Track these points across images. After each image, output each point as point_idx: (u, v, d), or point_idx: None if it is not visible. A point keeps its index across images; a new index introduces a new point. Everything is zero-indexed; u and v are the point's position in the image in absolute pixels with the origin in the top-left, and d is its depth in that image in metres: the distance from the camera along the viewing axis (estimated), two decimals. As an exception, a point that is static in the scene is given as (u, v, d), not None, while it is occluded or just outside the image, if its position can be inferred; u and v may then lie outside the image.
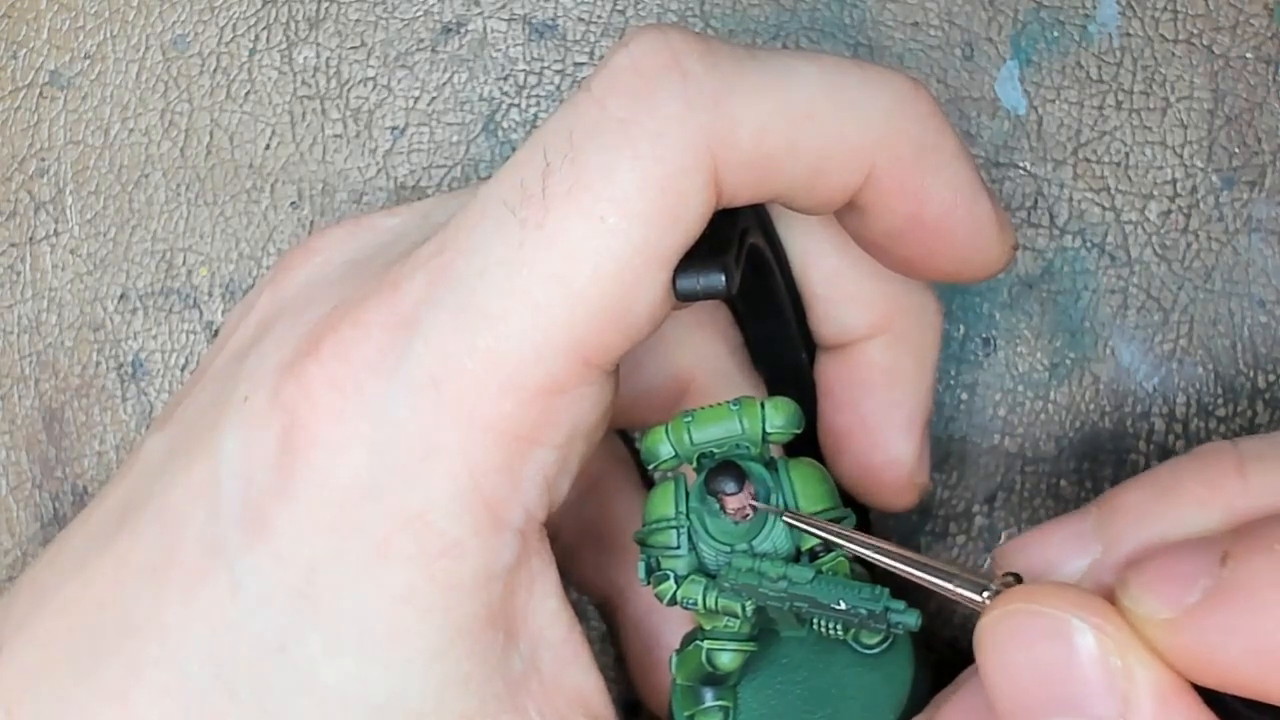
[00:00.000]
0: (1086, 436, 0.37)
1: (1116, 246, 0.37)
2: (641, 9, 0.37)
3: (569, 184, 0.26)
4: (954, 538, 0.37)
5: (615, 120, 0.26)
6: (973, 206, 0.29)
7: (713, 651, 0.29)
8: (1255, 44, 0.37)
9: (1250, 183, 0.37)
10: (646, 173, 0.26)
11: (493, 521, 0.27)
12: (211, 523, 0.27)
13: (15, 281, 0.38)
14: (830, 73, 0.28)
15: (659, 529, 0.29)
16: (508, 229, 0.26)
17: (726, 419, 0.29)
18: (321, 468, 0.27)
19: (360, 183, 0.38)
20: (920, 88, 0.28)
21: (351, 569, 0.27)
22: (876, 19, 0.37)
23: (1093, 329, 0.37)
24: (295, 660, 0.27)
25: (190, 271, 0.38)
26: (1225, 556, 0.24)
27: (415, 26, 0.38)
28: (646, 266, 0.26)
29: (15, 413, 0.38)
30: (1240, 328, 0.37)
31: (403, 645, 0.27)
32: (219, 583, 0.27)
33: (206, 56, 0.38)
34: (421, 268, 0.27)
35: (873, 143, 0.28)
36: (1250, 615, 0.23)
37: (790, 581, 0.28)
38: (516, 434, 0.27)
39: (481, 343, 0.26)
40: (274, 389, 0.28)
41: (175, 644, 0.27)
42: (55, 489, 0.38)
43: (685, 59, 0.27)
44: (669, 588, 0.28)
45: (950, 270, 0.30)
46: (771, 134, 0.27)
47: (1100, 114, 0.37)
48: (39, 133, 0.38)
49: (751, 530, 0.28)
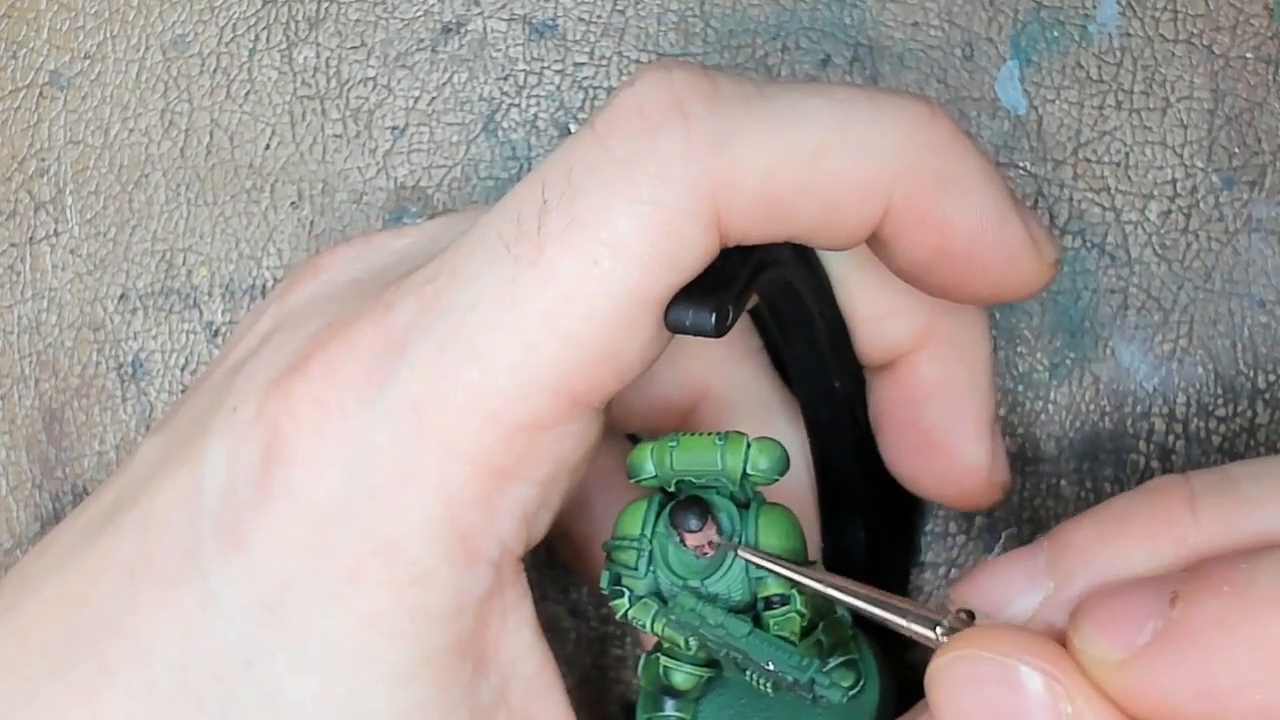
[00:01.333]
0: (1086, 436, 0.37)
1: (1116, 246, 0.37)
2: (641, 9, 0.37)
3: (564, 223, 0.26)
4: (954, 537, 0.37)
5: (615, 160, 0.26)
6: (1002, 231, 0.28)
7: (668, 669, 0.29)
8: (1255, 44, 0.37)
9: (1250, 183, 0.37)
10: (643, 216, 0.26)
11: (466, 553, 0.27)
12: (190, 530, 0.28)
13: (15, 281, 0.38)
14: (841, 106, 0.27)
15: (623, 546, 0.28)
16: (501, 263, 0.26)
17: (708, 451, 0.28)
18: (298, 485, 0.27)
19: (360, 183, 0.38)
20: (937, 112, 0.27)
21: (322, 589, 0.27)
22: (876, 19, 0.37)
23: (1093, 329, 0.37)
24: (261, 675, 0.27)
25: (190, 271, 0.38)
26: (1175, 597, 0.24)
27: (415, 26, 0.38)
28: (639, 310, 0.26)
29: (15, 413, 0.38)
30: (1240, 328, 0.37)
31: (369, 669, 0.27)
32: (192, 591, 0.27)
33: (206, 56, 0.38)
34: (415, 292, 0.27)
35: (889, 177, 0.27)
36: (1199, 657, 0.23)
37: (726, 632, 0.28)
38: (495, 468, 0.27)
39: (466, 375, 0.26)
40: (261, 402, 0.27)
41: (146, 648, 0.27)
42: (55, 489, 0.38)
43: (688, 101, 0.26)
44: (621, 604, 0.28)
45: (988, 294, 0.29)
46: (779, 175, 0.26)
47: (1100, 114, 0.37)
48: (39, 133, 0.38)
49: (709, 568, 0.28)
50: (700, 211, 0.26)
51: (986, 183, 0.28)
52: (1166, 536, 0.25)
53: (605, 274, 0.26)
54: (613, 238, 0.26)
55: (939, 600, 0.37)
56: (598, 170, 0.26)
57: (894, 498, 0.34)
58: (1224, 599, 0.23)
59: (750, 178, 0.26)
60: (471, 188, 0.38)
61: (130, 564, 0.28)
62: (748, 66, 0.37)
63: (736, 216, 0.26)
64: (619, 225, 0.26)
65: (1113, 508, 0.26)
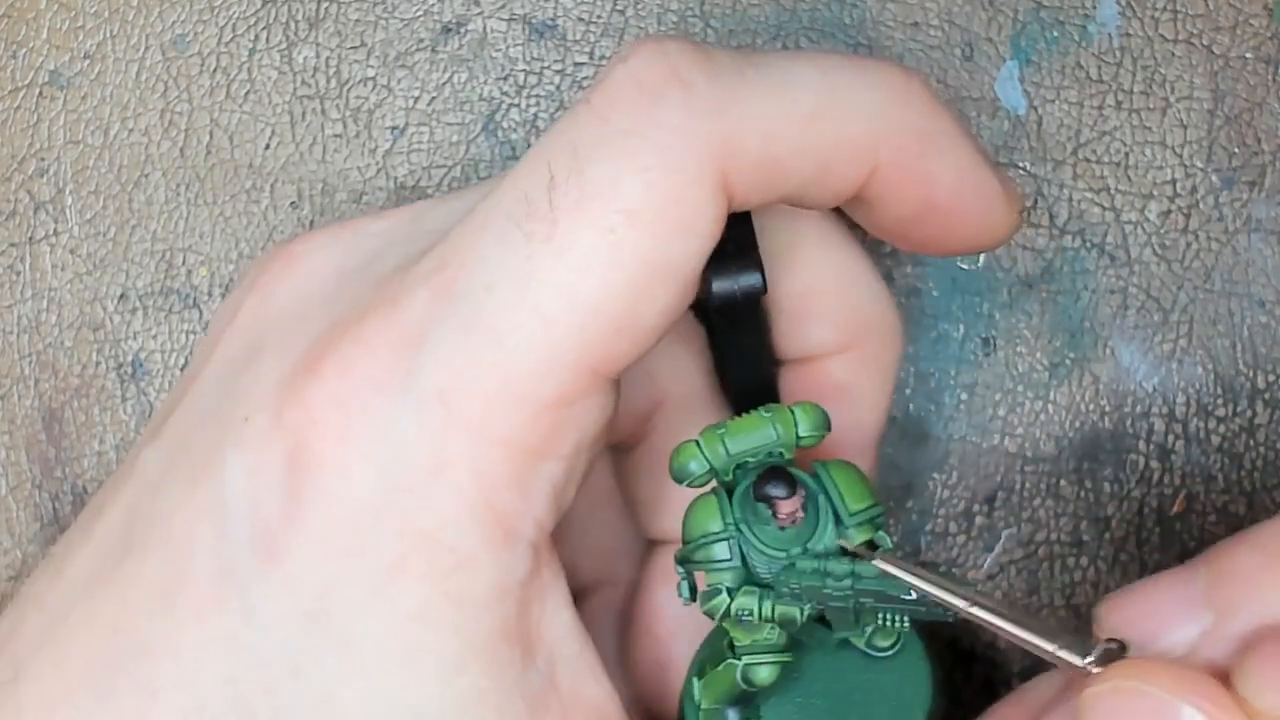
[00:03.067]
0: (1086, 436, 0.37)
1: (1116, 246, 0.37)
2: (641, 9, 0.37)
3: (575, 196, 0.26)
4: (954, 537, 0.37)
5: (619, 132, 0.26)
6: (979, 183, 0.29)
7: (750, 667, 0.29)
8: (1255, 44, 0.37)
9: (1250, 183, 0.37)
10: (654, 183, 0.26)
11: (505, 535, 0.27)
12: (220, 546, 0.27)
13: (15, 281, 0.38)
14: (828, 72, 0.28)
15: (707, 543, 0.28)
16: (513, 243, 0.26)
17: (761, 426, 0.29)
18: (330, 490, 0.27)
19: (360, 183, 0.38)
20: (914, 77, 0.28)
21: (363, 589, 0.27)
22: (876, 19, 0.37)
23: (1092, 329, 0.37)
24: (311, 683, 0.27)
25: (190, 271, 0.38)
26: None
27: (415, 26, 0.38)
28: (656, 276, 0.26)
29: (15, 413, 0.38)
30: (1240, 328, 0.37)
31: (418, 663, 0.27)
32: (231, 606, 0.27)
33: (206, 56, 0.38)
34: (423, 283, 0.27)
35: (876, 136, 0.28)
36: None
37: (858, 577, 0.28)
38: (526, 447, 0.27)
39: (490, 358, 0.26)
40: (276, 410, 0.27)
41: (190, 667, 0.27)
42: (55, 489, 0.38)
43: (685, 70, 0.27)
44: (722, 601, 0.28)
45: (965, 245, 0.30)
46: (777, 137, 0.27)
47: (1100, 114, 0.37)
48: (39, 133, 0.38)
49: (803, 534, 0.28)
50: (708, 174, 0.26)
51: (963, 139, 0.29)
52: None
53: (620, 241, 0.26)
54: (626, 205, 0.26)
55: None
56: (604, 143, 0.26)
57: None
58: None
59: (751, 140, 0.27)
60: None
61: (161, 585, 0.28)
62: (748, 66, 0.37)
63: (740, 179, 0.27)
64: (631, 193, 0.26)
65: (1274, 529, 0.25)
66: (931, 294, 0.37)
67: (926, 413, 0.37)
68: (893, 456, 0.37)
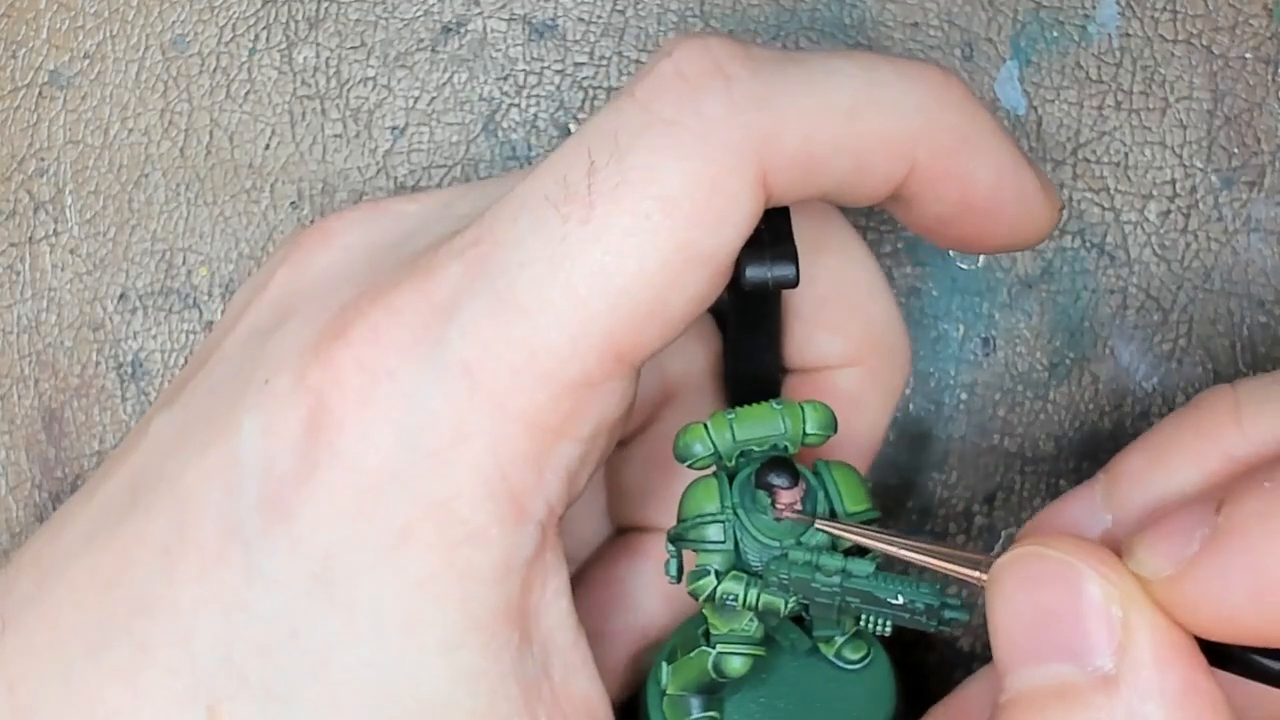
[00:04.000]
0: (1086, 436, 0.37)
1: (1116, 246, 0.37)
2: (641, 9, 0.37)
3: (615, 181, 0.26)
4: (954, 537, 0.37)
5: (662, 121, 0.27)
6: (1018, 181, 0.29)
7: (724, 656, 0.29)
8: (1255, 44, 0.37)
9: (1249, 183, 0.37)
10: (694, 172, 0.26)
11: (516, 512, 0.27)
12: (229, 505, 0.27)
13: (15, 281, 0.38)
14: (868, 70, 0.28)
15: (701, 523, 0.29)
16: (550, 224, 0.27)
17: (770, 418, 0.29)
18: (348, 453, 0.27)
19: (360, 183, 0.38)
20: (951, 76, 0.29)
21: (370, 554, 0.27)
22: (876, 19, 0.37)
23: (1092, 329, 0.37)
24: (308, 646, 0.27)
25: (190, 271, 0.38)
26: (1220, 504, 0.23)
27: (415, 26, 0.38)
28: (688, 264, 0.27)
29: (15, 413, 0.38)
30: (1239, 328, 0.37)
31: (418, 635, 0.27)
32: (234, 565, 0.27)
33: (206, 56, 0.38)
34: (457, 256, 0.27)
35: (914, 136, 0.28)
36: (1246, 556, 0.23)
37: (848, 575, 0.28)
38: (546, 426, 0.27)
39: (519, 333, 0.26)
40: (299, 372, 0.27)
41: (187, 625, 0.27)
42: (55, 489, 0.38)
43: (728, 64, 0.27)
44: (709, 583, 0.28)
45: (1003, 243, 0.30)
46: (817, 133, 0.27)
47: (1100, 114, 0.37)
48: (39, 132, 0.38)
49: (797, 528, 0.28)
50: (747, 167, 0.27)
51: (1000, 138, 0.29)
52: (1214, 453, 0.25)
53: (656, 228, 0.26)
54: (664, 193, 0.26)
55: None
56: (645, 131, 0.27)
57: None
58: (1265, 495, 0.23)
59: (791, 135, 0.27)
60: (471, 188, 0.38)
61: (164, 542, 0.28)
62: (748, 66, 0.37)
63: (779, 174, 0.27)
64: (670, 182, 0.26)
65: (1162, 430, 0.27)
66: (931, 294, 0.37)
67: (926, 413, 0.37)
68: (893, 456, 0.37)
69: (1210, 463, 0.25)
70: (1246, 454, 0.25)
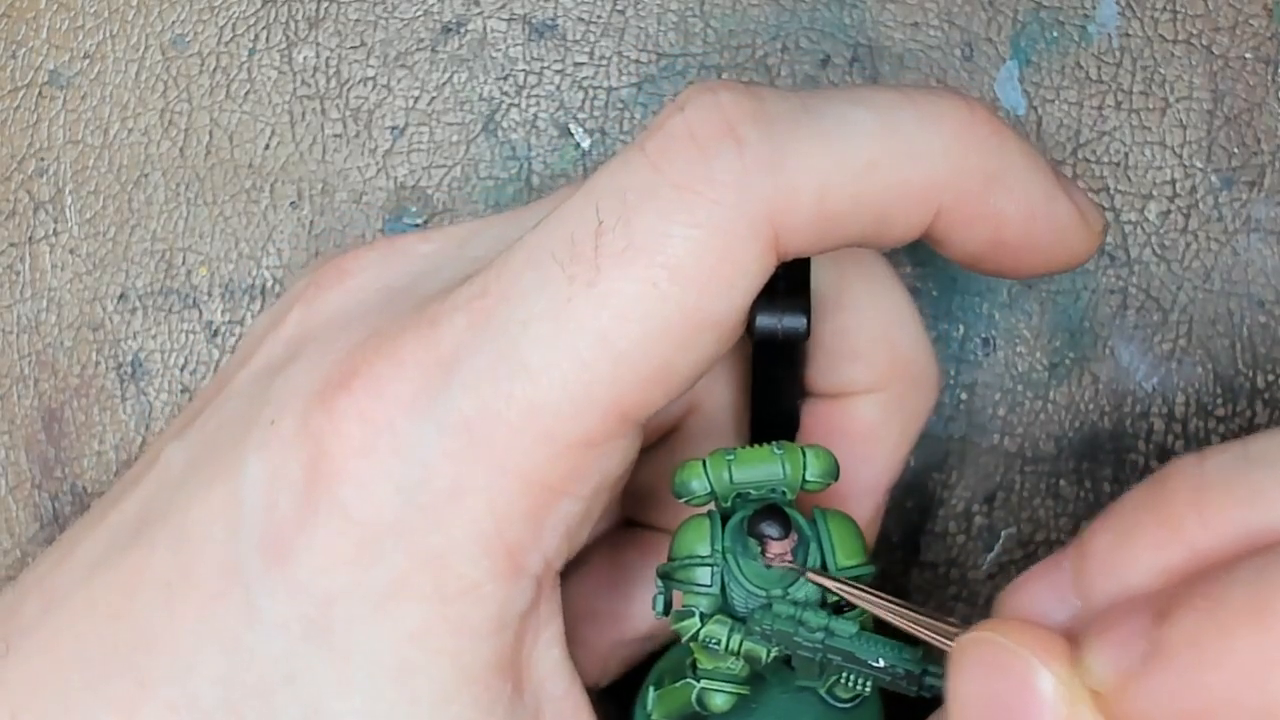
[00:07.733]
0: (1086, 436, 0.37)
1: (1116, 246, 0.37)
2: (641, 9, 0.37)
3: (622, 245, 0.26)
4: (954, 537, 0.37)
5: (671, 185, 0.26)
6: (1052, 213, 0.29)
7: (707, 692, 0.29)
8: (1255, 44, 0.37)
9: (1249, 183, 0.37)
10: (703, 241, 0.26)
11: (512, 568, 0.27)
12: (231, 544, 0.27)
13: (15, 281, 0.38)
14: (885, 115, 0.27)
15: (690, 564, 0.28)
16: (555, 283, 0.26)
17: (769, 461, 0.28)
18: (345, 502, 0.27)
19: (360, 182, 0.38)
20: (976, 109, 0.28)
21: (367, 604, 0.27)
22: (876, 19, 0.37)
23: (1092, 329, 0.37)
24: (303, 692, 0.27)
25: (190, 271, 0.38)
26: (1161, 616, 0.23)
27: (415, 26, 0.38)
28: (696, 330, 0.26)
29: (15, 413, 0.38)
30: (1239, 328, 0.37)
31: (411, 686, 0.27)
32: (235, 605, 0.27)
33: (206, 56, 0.38)
34: (462, 308, 0.27)
35: (938, 184, 0.27)
36: (1176, 681, 0.22)
37: (830, 634, 0.27)
38: (545, 484, 0.27)
39: (520, 392, 0.26)
40: (303, 416, 0.27)
41: (186, 662, 0.27)
42: (55, 489, 0.38)
43: (739, 124, 0.27)
44: (692, 624, 0.28)
45: (1042, 270, 0.30)
46: (833, 192, 0.27)
47: (1100, 114, 0.37)
48: (38, 132, 0.38)
49: (786, 577, 0.28)
50: (757, 234, 0.26)
51: (1032, 170, 0.28)
52: (1174, 543, 0.24)
53: (663, 295, 0.26)
54: (671, 261, 0.26)
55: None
56: (654, 194, 0.26)
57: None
58: (1199, 615, 0.22)
59: (805, 197, 0.26)
60: (471, 188, 0.38)
61: (166, 577, 0.28)
62: (747, 67, 0.37)
63: (792, 235, 0.27)
64: (678, 249, 0.26)
65: (1125, 508, 0.26)
66: (931, 294, 0.37)
67: (926, 413, 0.37)
68: (892, 456, 0.37)
69: (1171, 555, 0.24)
70: (1208, 546, 0.24)
